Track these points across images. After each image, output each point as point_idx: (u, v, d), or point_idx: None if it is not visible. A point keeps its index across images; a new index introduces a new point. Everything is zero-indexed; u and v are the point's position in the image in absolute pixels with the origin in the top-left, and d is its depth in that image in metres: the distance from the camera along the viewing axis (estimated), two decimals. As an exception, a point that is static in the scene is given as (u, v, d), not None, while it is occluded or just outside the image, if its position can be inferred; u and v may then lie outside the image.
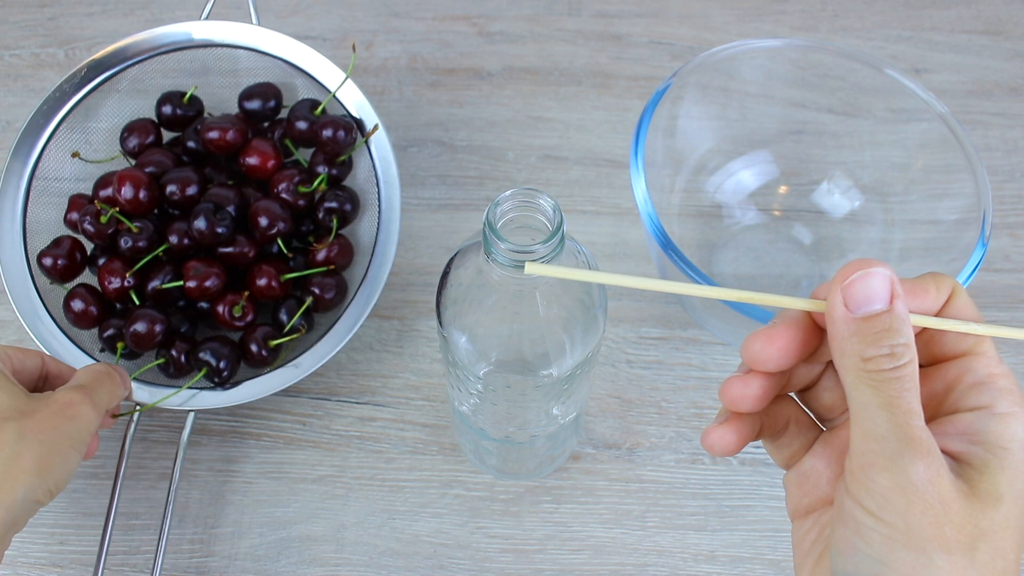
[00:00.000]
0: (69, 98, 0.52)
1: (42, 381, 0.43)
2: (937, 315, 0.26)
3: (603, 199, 0.59)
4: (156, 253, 0.49)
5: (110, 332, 0.49)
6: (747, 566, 0.47)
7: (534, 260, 0.29)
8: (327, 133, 0.51)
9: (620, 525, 0.48)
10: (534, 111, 0.62)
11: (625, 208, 0.58)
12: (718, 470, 0.50)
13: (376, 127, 0.52)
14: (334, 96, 0.52)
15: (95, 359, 0.48)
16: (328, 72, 0.53)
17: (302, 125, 0.52)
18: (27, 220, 0.51)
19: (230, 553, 0.47)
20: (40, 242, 0.50)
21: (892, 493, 0.23)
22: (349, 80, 0.52)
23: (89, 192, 0.52)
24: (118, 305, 0.50)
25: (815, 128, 0.55)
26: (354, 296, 0.50)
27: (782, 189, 0.56)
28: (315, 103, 0.53)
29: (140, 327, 0.47)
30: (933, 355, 0.27)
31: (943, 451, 0.24)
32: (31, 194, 0.51)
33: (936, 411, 0.26)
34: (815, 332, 0.27)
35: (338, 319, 0.49)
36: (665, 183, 0.52)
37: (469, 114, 0.62)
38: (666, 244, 0.43)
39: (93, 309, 0.49)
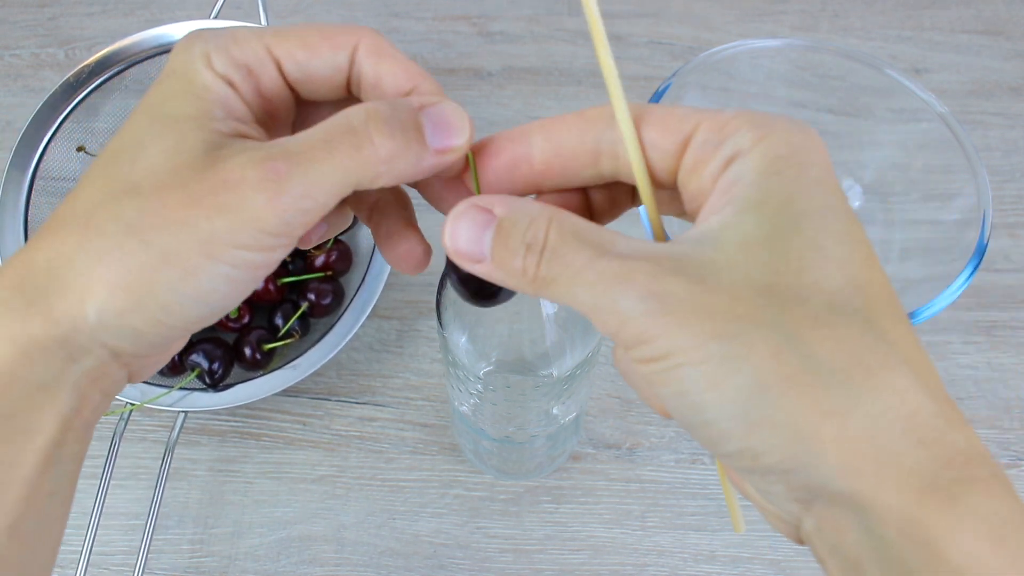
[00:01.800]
0: (72, 97, 0.52)
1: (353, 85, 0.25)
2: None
3: (603, 199, 0.59)
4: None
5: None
6: (747, 566, 0.47)
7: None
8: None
9: (620, 525, 0.48)
10: (534, 111, 0.62)
11: (625, 208, 0.58)
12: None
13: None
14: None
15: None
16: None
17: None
18: (28, 220, 0.51)
19: (230, 553, 0.47)
20: (40, 242, 0.51)
21: (643, 333, 0.20)
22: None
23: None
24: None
25: (815, 128, 0.55)
26: (353, 297, 0.50)
27: (782, 189, 0.56)
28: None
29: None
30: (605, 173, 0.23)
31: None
32: (32, 194, 0.51)
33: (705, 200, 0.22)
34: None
35: (338, 320, 0.49)
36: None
37: (469, 114, 0.62)
38: (666, 244, 0.43)
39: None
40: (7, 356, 0.22)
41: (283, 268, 0.51)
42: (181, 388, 0.48)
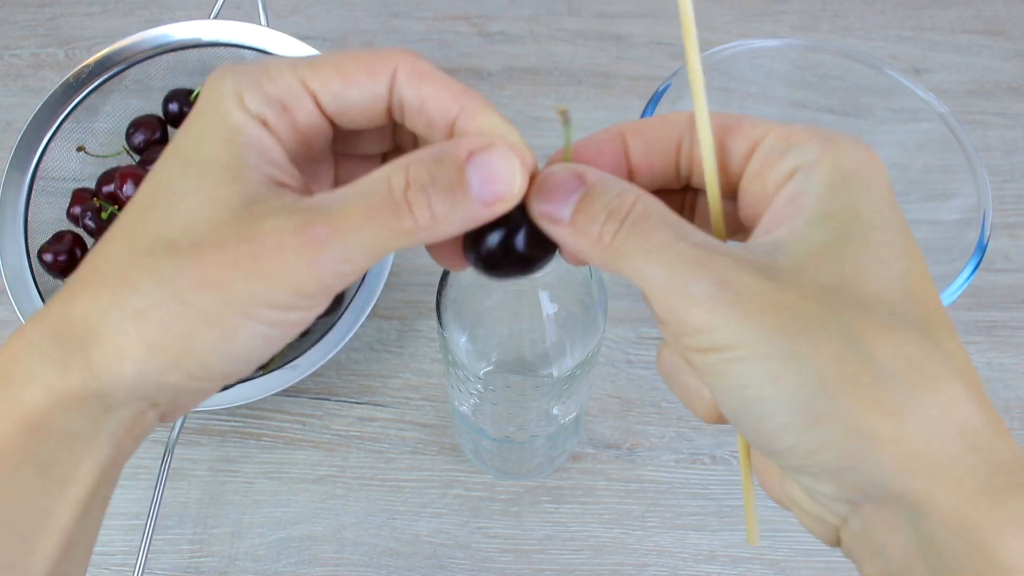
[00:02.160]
0: (72, 97, 0.52)
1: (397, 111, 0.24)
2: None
3: (603, 199, 0.59)
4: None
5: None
6: (747, 566, 0.47)
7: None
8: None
9: (620, 525, 0.48)
10: (534, 111, 0.62)
11: (625, 208, 0.58)
12: (718, 470, 0.50)
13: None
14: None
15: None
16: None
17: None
18: (28, 220, 0.51)
19: (230, 553, 0.47)
20: (41, 242, 0.50)
21: (709, 321, 0.20)
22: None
23: (93, 187, 0.52)
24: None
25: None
26: (353, 296, 0.50)
27: (782, 189, 0.56)
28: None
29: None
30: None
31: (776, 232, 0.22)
32: (32, 194, 0.51)
33: (767, 206, 0.23)
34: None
35: (337, 319, 0.49)
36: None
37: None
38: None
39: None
40: (44, 407, 0.22)
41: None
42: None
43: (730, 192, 0.24)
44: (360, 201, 0.21)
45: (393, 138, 0.26)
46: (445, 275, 0.35)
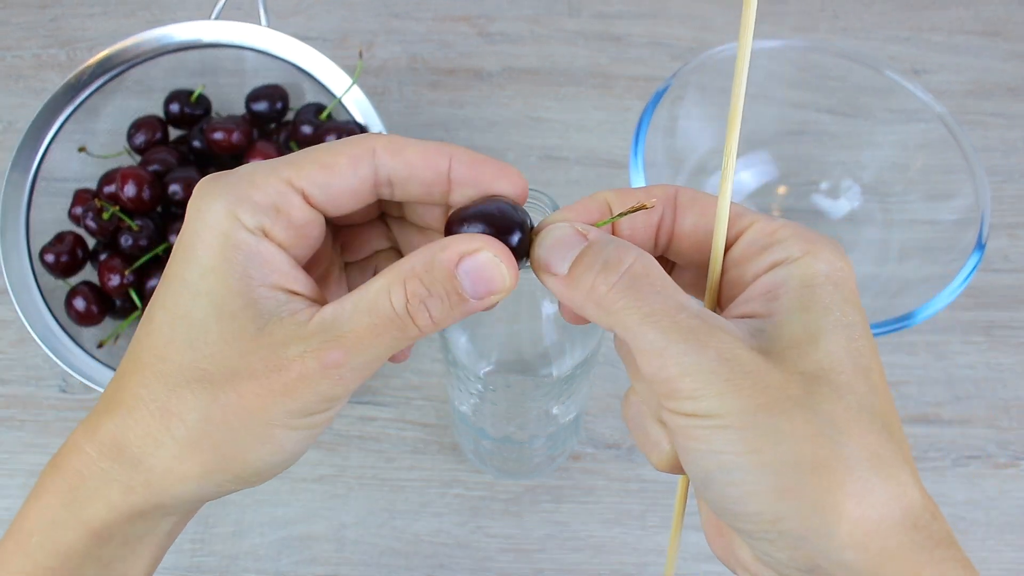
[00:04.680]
0: (73, 98, 0.52)
1: (385, 186, 0.26)
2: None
3: (603, 199, 0.59)
4: (156, 252, 0.49)
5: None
6: (746, 565, 0.47)
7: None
8: (331, 139, 0.51)
9: (620, 524, 0.48)
10: (534, 111, 0.62)
11: (625, 208, 0.58)
12: (718, 470, 0.50)
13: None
14: (339, 101, 0.53)
15: (96, 359, 0.48)
16: (333, 75, 0.53)
17: (307, 129, 0.52)
18: (30, 220, 0.51)
19: (231, 552, 0.47)
20: (43, 242, 0.51)
21: (699, 391, 0.22)
22: (353, 84, 0.53)
23: (94, 187, 0.52)
24: (117, 302, 0.51)
25: (814, 128, 0.55)
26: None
27: (781, 189, 0.56)
28: (320, 107, 0.53)
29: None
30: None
31: (752, 316, 0.24)
32: (34, 195, 0.51)
33: (740, 290, 0.25)
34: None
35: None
36: (665, 183, 0.53)
37: (469, 115, 0.62)
38: (666, 244, 0.44)
39: (95, 308, 0.49)
40: (109, 520, 0.24)
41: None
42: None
43: (703, 267, 0.26)
44: (365, 320, 0.23)
45: (379, 205, 0.28)
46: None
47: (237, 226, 0.23)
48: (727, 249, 0.25)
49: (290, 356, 0.23)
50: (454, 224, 0.24)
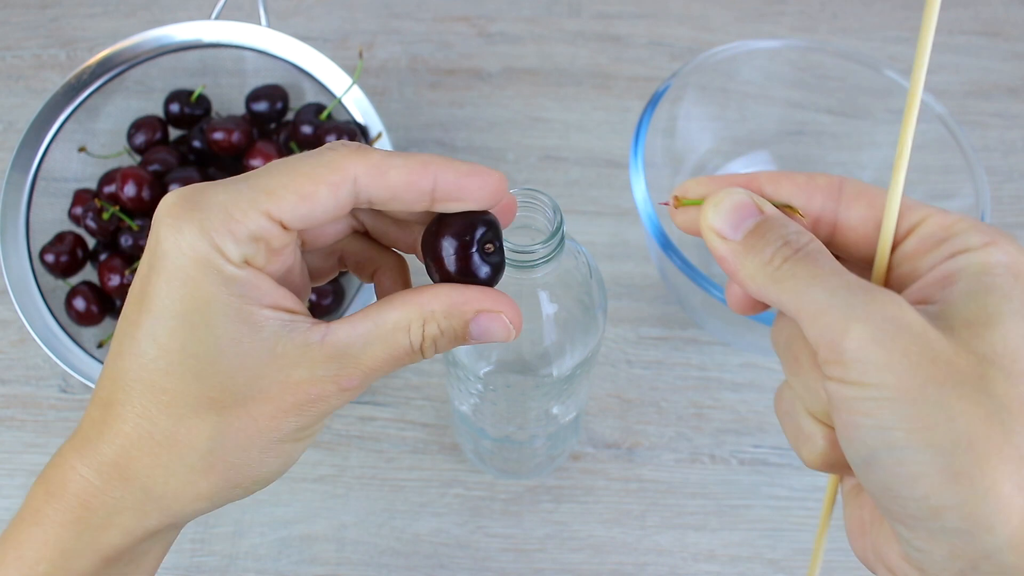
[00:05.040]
0: (73, 98, 0.52)
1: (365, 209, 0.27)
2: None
3: (603, 199, 0.59)
4: (157, 253, 0.49)
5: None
6: (747, 565, 0.47)
7: (534, 261, 0.29)
8: (331, 139, 0.51)
9: (620, 524, 0.48)
10: (534, 112, 0.62)
11: (625, 208, 0.58)
12: (717, 469, 0.50)
13: (380, 135, 0.52)
14: (339, 101, 0.53)
15: (96, 359, 0.48)
16: (333, 76, 0.53)
17: (307, 129, 0.52)
18: (30, 220, 0.51)
19: (231, 552, 0.47)
20: (43, 242, 0.51)
21: (865, 351, 0.21)
22: (353, 84, 0.53)
23: (94, 187, 0.52)
24: (117, 302, 0.51)
25: (814, 129, 0.55)
26: (354, 297, 0.50)
27: (781, 189, 0.56)
28: (320, 107, 0.53)
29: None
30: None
31: (925, 302, 0.23)
32: (34, 195, 0.51)
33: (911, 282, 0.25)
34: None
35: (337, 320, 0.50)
36: (665, 183, 0.53)
37: (469, 115, 0.62)
38: (666, 245, 0.44)
39: (95, 308, 0.50)
40: (123, 545, 0.25)
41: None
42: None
43: (867, 263, 0.25)
44: (382, 352, 0.25)
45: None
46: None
47: (223, 261, 0.23)
48: (898, 244, 0.25)
49: (306, 378, 0.24)
50: (440, 250, 0.26)
